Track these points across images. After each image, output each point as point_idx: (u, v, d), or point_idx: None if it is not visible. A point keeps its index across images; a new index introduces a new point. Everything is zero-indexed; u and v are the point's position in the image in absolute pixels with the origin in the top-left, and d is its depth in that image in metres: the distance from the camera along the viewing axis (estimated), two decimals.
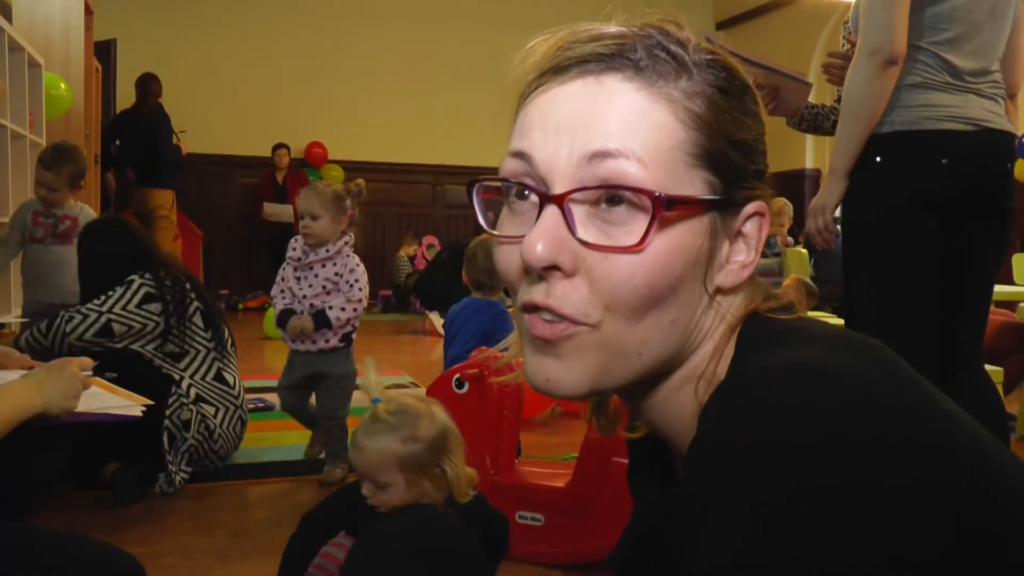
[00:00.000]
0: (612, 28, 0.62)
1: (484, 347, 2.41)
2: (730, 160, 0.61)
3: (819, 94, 2.43)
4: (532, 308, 0.60)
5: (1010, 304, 3.94)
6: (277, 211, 7.87)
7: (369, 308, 8.42)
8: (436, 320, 6.52)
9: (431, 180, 9.24)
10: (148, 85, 6.85)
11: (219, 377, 2.76)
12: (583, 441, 2.09)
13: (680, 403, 0.65)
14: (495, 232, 0.64)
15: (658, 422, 0.67)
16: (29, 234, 3.52)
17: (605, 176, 0.57)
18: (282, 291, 2.75)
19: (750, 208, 0.63)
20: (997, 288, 3.72)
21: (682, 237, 0.59)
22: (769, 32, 8.71)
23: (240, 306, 7.94)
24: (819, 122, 2.29)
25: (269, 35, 8.47)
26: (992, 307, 4.06)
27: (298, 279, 2.69)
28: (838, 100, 2.41)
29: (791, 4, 8.50)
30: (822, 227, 1.95)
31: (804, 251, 4.72)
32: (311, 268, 2.67)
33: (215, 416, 2.69)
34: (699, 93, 0.60)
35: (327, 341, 2.70)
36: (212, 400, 2.71)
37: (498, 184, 0.64)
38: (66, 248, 3.44)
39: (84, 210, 3.59)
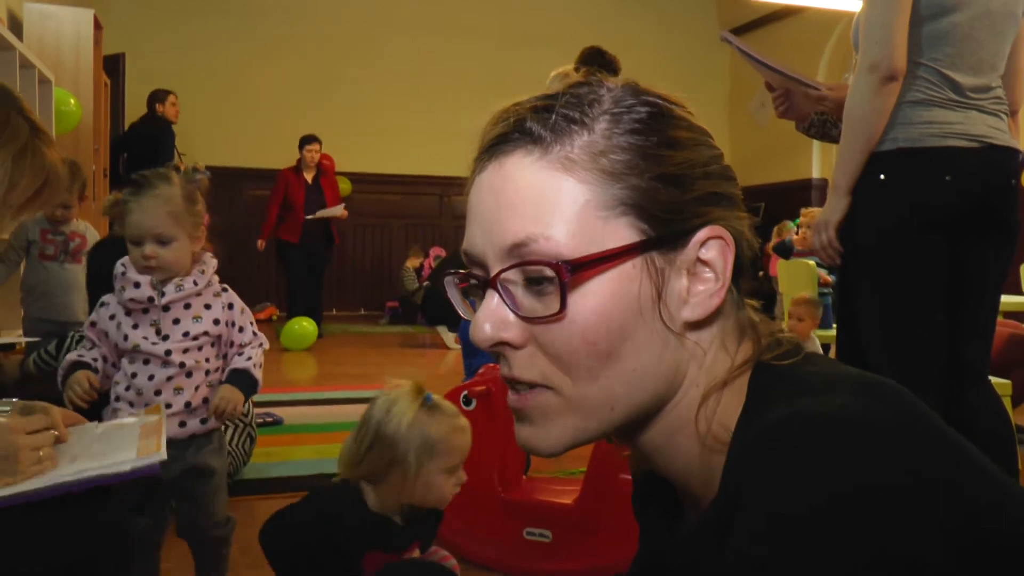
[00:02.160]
0: (518, 105, 0.64)
1: (493, 364, 2.42)
2: (655, 198, 0.61)
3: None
4: (504, 381, 0.65)
5: (1018, 315, 3.93)
6: (330, 214, 7.15)
7: (376, 320, 8.48)
8: (444, 333, 6.53)
9: (439, 191, 9.27)
10: (154, 100, 6.91)
11: None
12: (590, 457, 2.10)
13: (680, 448, 0.65)
14: (470, 319, 0.67)
15: (662, 466, 0.68)
16: (38, 251, 3.54)
17: (523, 255, 0.61)
18: (92, 347, 1.72)
19: (701, 235, 0.62)
20: (1005, 299, 3.70)
21: (611, 289, 0.60)
22: (774, 42, 8.72)
23: None
24: (827, 129, 2.29)
25: (276, 48, 8.51)
26: (1000, 318, 4.06)
27: (141, 327, 1.68)
28: None
29: (796, 14, 8.51)
30: (826, 243, 1.95)
31: (812, 263, 4.72)
32: (167, 311, 1.69)
33: (225, 434, 2.69)
34: (605, 147, 0.61)
35: (203, 422, 1.73)
36: None
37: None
38: (76, 267, 3.45)
39: (89, 228, 3.61)
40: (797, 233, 5.66)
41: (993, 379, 3.03)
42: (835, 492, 0.50)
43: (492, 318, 0.62)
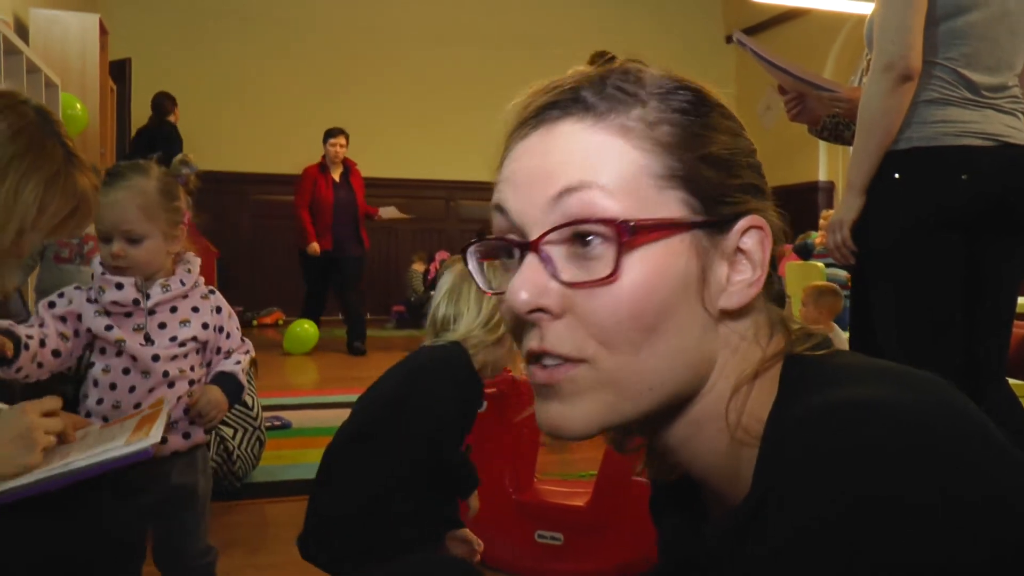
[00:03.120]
0: (565, 78, 0.64)
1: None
2: (705, 177, 0.60)
3: None
4: (532, 356, 0.61)
5: None
6: (389, 213, 6.59)
7: (382, 324, 8.47)
8: None
9: (445, 195, 9.27)
10: (162, 104, 6.92)
11: None
12: (602, 459, 2.08)
13: (707, 442, 0.63)
14: (491, 291, 0.66)
15: (687, 462, 0.66)
16: (53, 253, 3.54)
17: (572, 213, 0.58)
18: (41, 325, 1.53)
19: (743, 223, 0.61)
20: (1023, 300, 3.69)
21: (661, 261, 0.58)
22: (780, 44, 8.70)
23: (255, 322, 7.97)
24: (840, 131, 2.28)
25: (282, 53, 8.53)
26: (1017, 320, 4.03)
27: (128, 331, 1.53)
28: None
29: (802, 16, 8.50)
30: (840, 242, 1.94)
31: (821, 265, 4.70)
32: (153, 314, 1.55)
33: (233, 437, 2.69)
34: (658, 118, 0.60)
35: (186, 436, 1.58)
36: (231, 422, 2.72)
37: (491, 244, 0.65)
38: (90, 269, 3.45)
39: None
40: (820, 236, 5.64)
41: (1011, 380, 3.02)
42: (870, 490, 0.49)
43: (529, 283, 0.58)
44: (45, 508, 1.16)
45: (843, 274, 4.57)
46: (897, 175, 1.83)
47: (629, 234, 0.57)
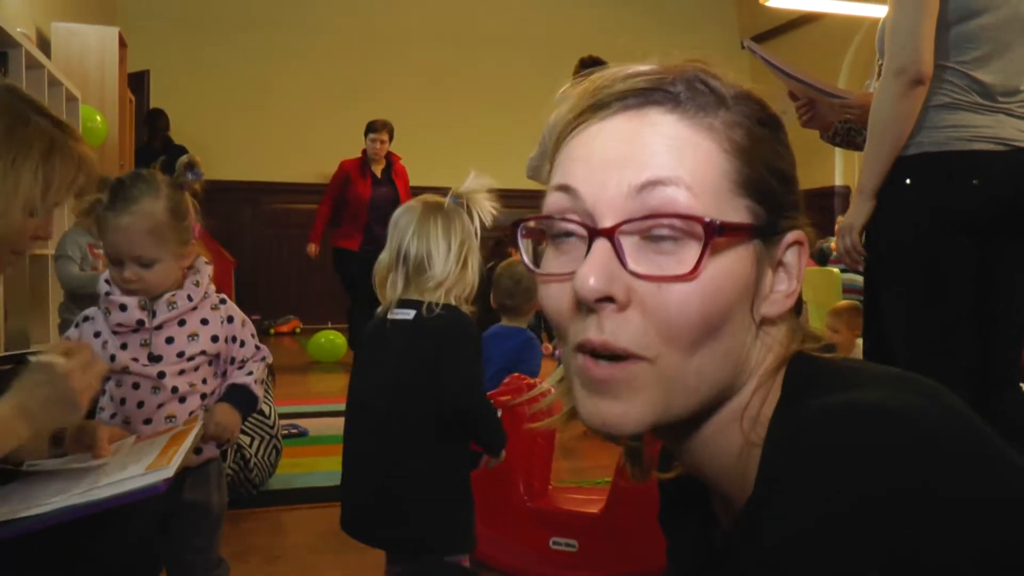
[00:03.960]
0: (649, 66, 0.63)
1: (517, 374, 2.41)
2: (771, 188, 0.61)
3: None
4: (586, 348, 0.59)
5: None
6: None
7: None
8: None
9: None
10: (156, 121, 7.04)
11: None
12: (616, 466, 2.09)
13: (724, 442, 0.64)
14: (540, 271, 0.63)
15: (701, 464, 0.66)
16: (90, 265, 3.58)
17: (655, 206, 0.57)
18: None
19: (790, 237, 0.63)
20: None
21: (732, 264, 0.59)
22: (795, 49, 8.68)
23: (272, 331, 8.01)
24: (851, 137, 2.28)
25: (297, 63, 8.58)
26: None
27: (131, 348, 1.50)
28: None
29: (816, 20, 8.48)
30: (850, 247, 1.94)
31: (836, 271, 4.68)
32: (159, 329, 1.51)
33: (250, 446, 2.71)
34: (739, 124, 0.61)
35: (198, 452, 1.53)
36: (248, 430, 2.74)
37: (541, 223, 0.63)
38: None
39: None
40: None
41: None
42: (870, 490, 0.49)
43: (599, 270, 0.57)
44: (60, 526, 1.15)
45: (860, 280, 4.53)
46: (908, 180, 1.82)
47: (717, 234, 0.57)
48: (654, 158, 0.58)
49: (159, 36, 8.03)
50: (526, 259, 0.67)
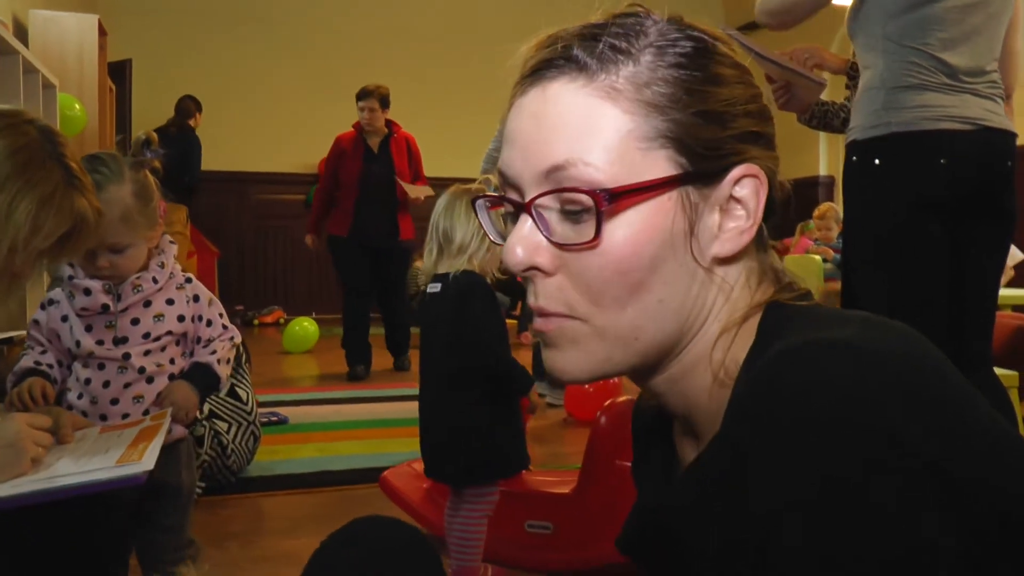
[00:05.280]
0: (564, 31, 0.64)
1: None
2: (695, 133, 0.60)
3: (830, 92, 2.43)
4: (533, 311, 0.64)
5: None
6: (419, 192, 5.11)
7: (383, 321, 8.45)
8: None
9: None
10: (179, 106, 7.10)
11: (232, 393, 2.78)
12: (586, 446, 2.09)
13: (693, 383, 0.65)
14: (501, 243, 0.67)
15: (673, 403, 0.68)
16: None
17: (561, 181, 0.60)
18: (43, 351, 1.53)
19: (736, 172, 0.62)
20: (1014, 292, 3.69)
21: (644, 222, 0.60)
22: (781, 39, 8.67)
23: (256, 321, 7.99)
24: (828, 119, 2.29)
25: (282, 52, 8.54)
26: (1009, 311, 4.03)
27: (96, 330, 1.50)
28: (848, 99, 2.41)
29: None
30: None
31: (818, 258, 4.70)
32: (125, 311, 1.51)
33: (228, 432, 2.70)
34: (649, 79, 0.61)
35: (168, 431, 1.42)
36: (225, 416, 2.73)
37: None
38: None
39: None
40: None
41: (1001, 371, 3.02)
42: (837, 430, 0.49)
43: (524, 242, 0.61)
44: (29, 509, 1.17)
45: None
46: (877, 161, 1.83)
47: (607, 202, 0.58)
48: (554, 142, 0.60)
49: (142, 25, 7.97)
50: (489, 229, 0.70)
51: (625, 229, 0.59)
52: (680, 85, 0.61)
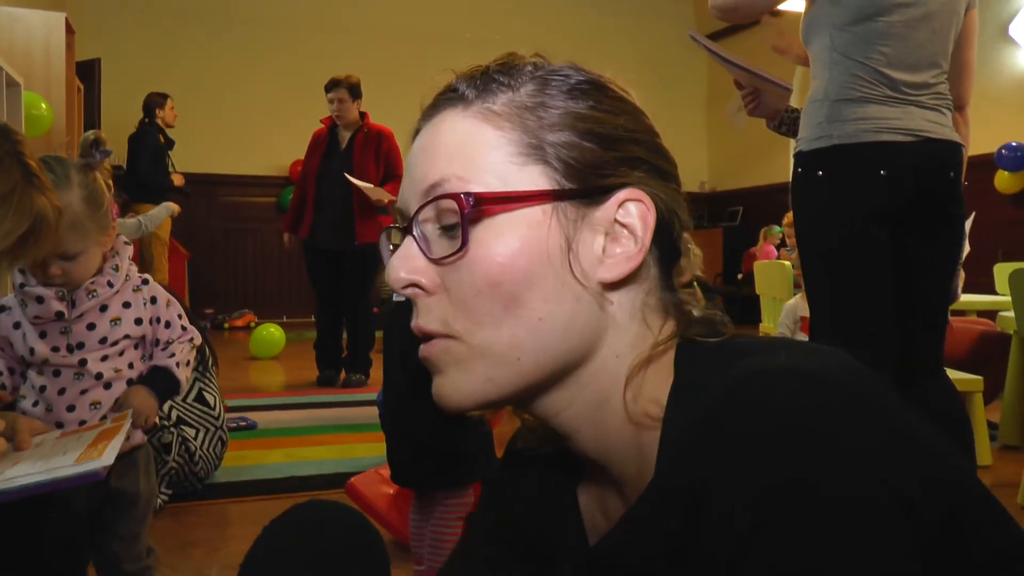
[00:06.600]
0: (457, 73, 0.67)
1: None
2: (572, 151, 0.61)
3: (799, 99, 2.47)
4: (417, 335, 0.64)
5: (991, 314, 3.95)
6: (379, 195, 4.68)
7: None
8: None
9: None
10: (144, 102, 6.88)
11: (200, 398, 2.75)
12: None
13: (608, 424, 0.63)
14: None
15: (590, 445, 0.65)
16: None
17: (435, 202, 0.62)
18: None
19: (620, 195, 0.61)
20: (978, 298, 3.75)
21: (515, 232, 0.60)
22: (752, 46, 8.74)
23: (225, 325, 7.92)
24: (797, 126, 2.31)
25: (252, 53, 8.48)
26: (974, 316, 4.09)
27: (51, 336, 1.46)
28: None
29: (774, 17, 8.56)
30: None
31: (788, 264, 4.72)
32: (80, 319, 1.46)
33: (195, 438, 2.67)
34: (529, 103, 0.62)
35: (127, 437, 1.36)
36: (193, 422, 2.70)
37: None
38: None
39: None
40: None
41: (964, 375, 3.06)
42: (797, 472, 0.48)
43: (404, 261, 0.62)
44: None
45: None
46: (821, 172, 1.87)
47: (471, 206, 0.59)
48: (433, 164, 0.62)
49: (111, 24, 7.89)
50: (385, 259, 0.70)
51: (495, 240, 0.59)
52: (559, 110, 0.62)
